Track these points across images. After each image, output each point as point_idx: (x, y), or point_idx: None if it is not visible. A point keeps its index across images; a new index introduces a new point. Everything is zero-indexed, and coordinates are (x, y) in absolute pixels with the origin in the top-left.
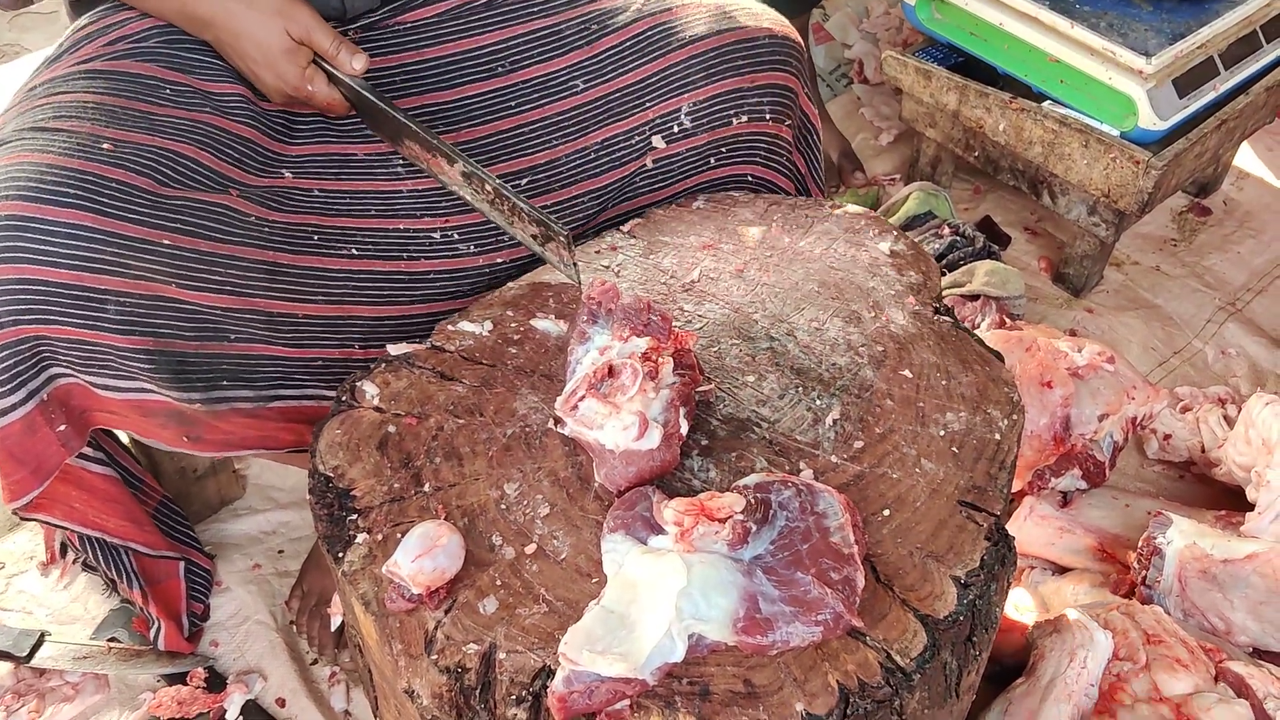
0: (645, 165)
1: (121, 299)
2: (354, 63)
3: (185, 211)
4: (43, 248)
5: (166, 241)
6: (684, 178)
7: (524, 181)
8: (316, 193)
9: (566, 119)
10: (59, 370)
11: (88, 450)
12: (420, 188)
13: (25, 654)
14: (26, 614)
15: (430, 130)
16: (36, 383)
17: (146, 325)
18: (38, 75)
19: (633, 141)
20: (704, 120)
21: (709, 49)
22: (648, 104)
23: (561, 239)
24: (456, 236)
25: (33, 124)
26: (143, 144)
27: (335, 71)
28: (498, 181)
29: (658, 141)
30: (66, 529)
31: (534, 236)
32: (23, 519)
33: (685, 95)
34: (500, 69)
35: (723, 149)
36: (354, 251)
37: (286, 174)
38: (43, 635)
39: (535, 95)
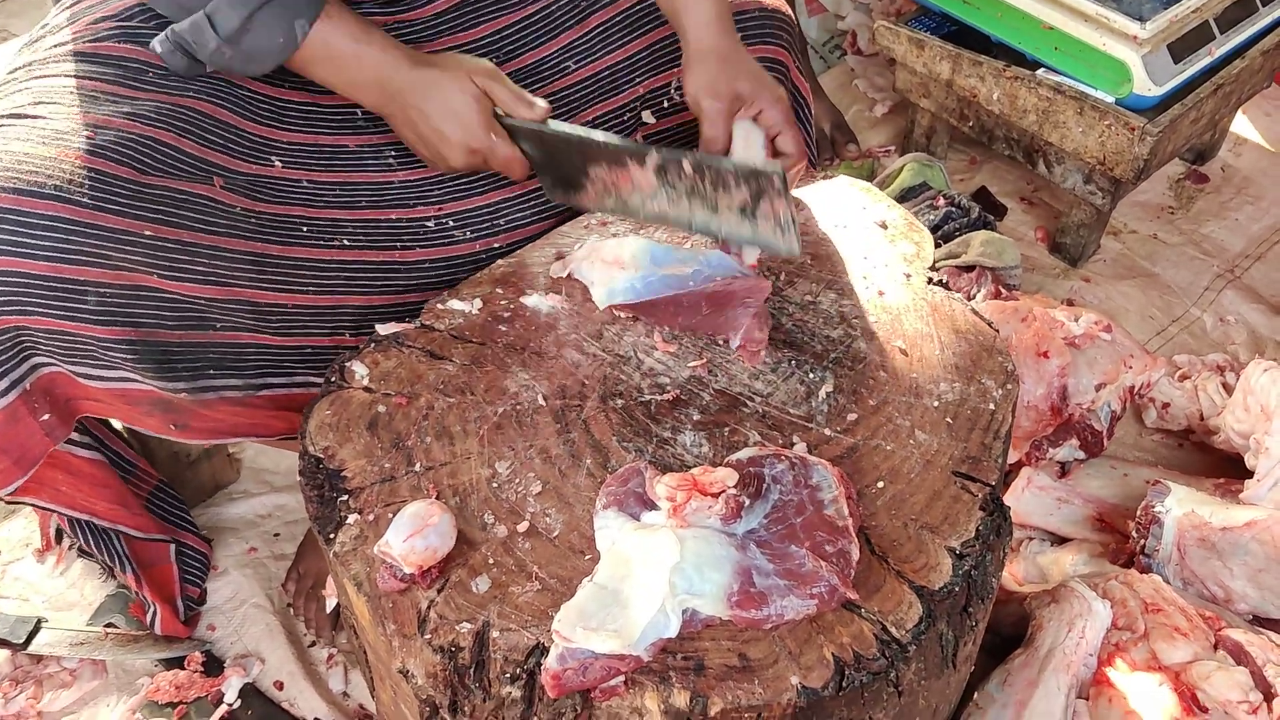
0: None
1: (101, 290)
2: (534, 109)
3: (166, 201)
4: (20, 239)
5: (148, 232)
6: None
7: None
8: (306, 184)
9: (558, 100)
10: (41, 360)
11: (75, 435)
12: (413, 178)
13: (22, 641)
14: (23, 601)
15: (612, 136)
16: (18, 373)
17: (127, 316)
18: (19, 56)
19: (624, 118)
20: None
21: None
22: (638, 79)
23: (775, 182)
24: (451, 223)
25: (12, 110)
26: (123, 131)
27: (510, 123)
28: (694, 155)
29: (648, 117)
30: (55, 511)
31: (743, 208)
32: (9, 502)
33: (675, 70)
34: (495, 59)
35: None
36: (345, 242)
37: (276, 162)
38: (39, 622)
39: (528, 81)
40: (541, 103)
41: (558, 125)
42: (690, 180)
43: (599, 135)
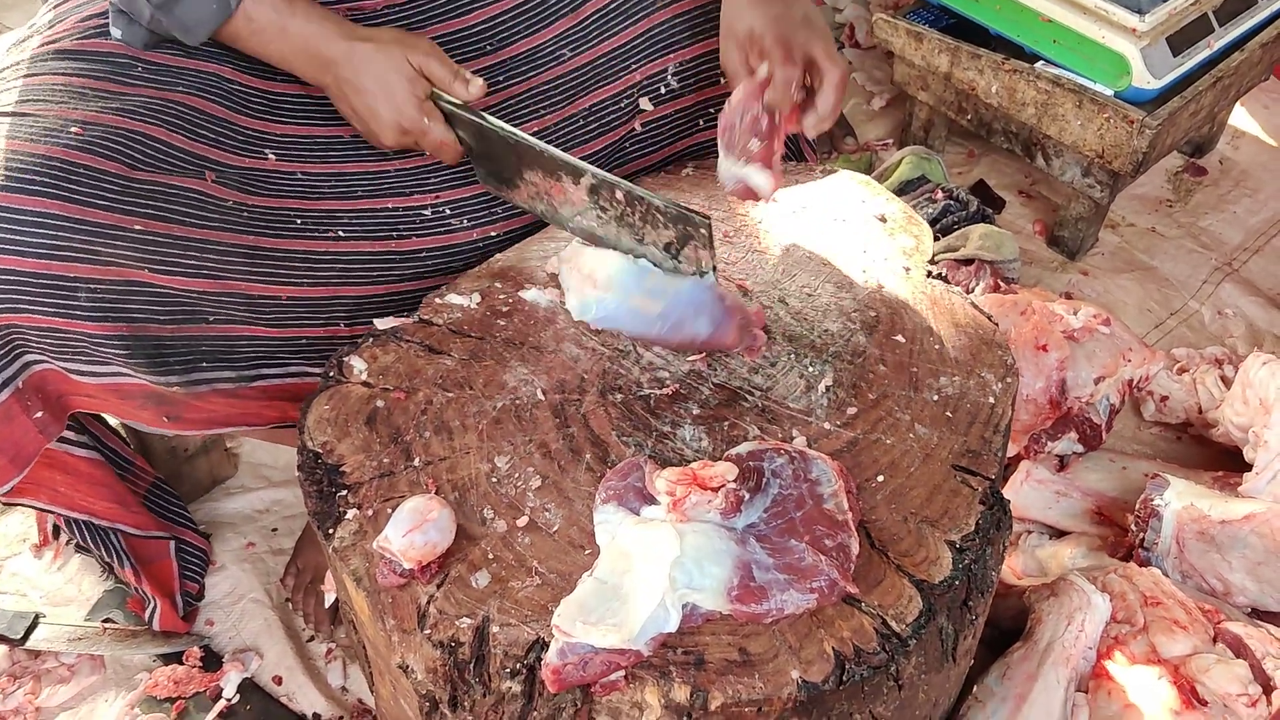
0: (634, 129)
1: (93, 286)
2: (470, 88)
3: (157, 196)
4: (10, 237)
5: (138, 227)
6: (673, 140)
7: None
8: (300, 176)
9: (554, 88)
10: (34, 357)
11: (70, 434)
12: (409, 166)
13: (20, 636)
14: (20, 596)
15: (550, 146)
16: (10, 370)
17: (119, 311)
18: (8, 56)
19: (621, 105)
20: (691, 80)
21: (694, 7)
22: (634, 66)
23: (701, 233)
24: (448, 212)
25: (0, 108)
26: (112, 126)
27: (450, 108)
28: (628, 186)
29: (645, 104)
30: (53, 513)
31: (669, 246)
32: (7, 504)
33: (671, 55)
34: (489, 47)
35: (711, 109)
36: (340, 233)
37: (269, 154)
38: (37, 617)
39: (524, 68)
40: (478, 81)
41: (497, 123)
42: (621, 208)
43: (537, 143)
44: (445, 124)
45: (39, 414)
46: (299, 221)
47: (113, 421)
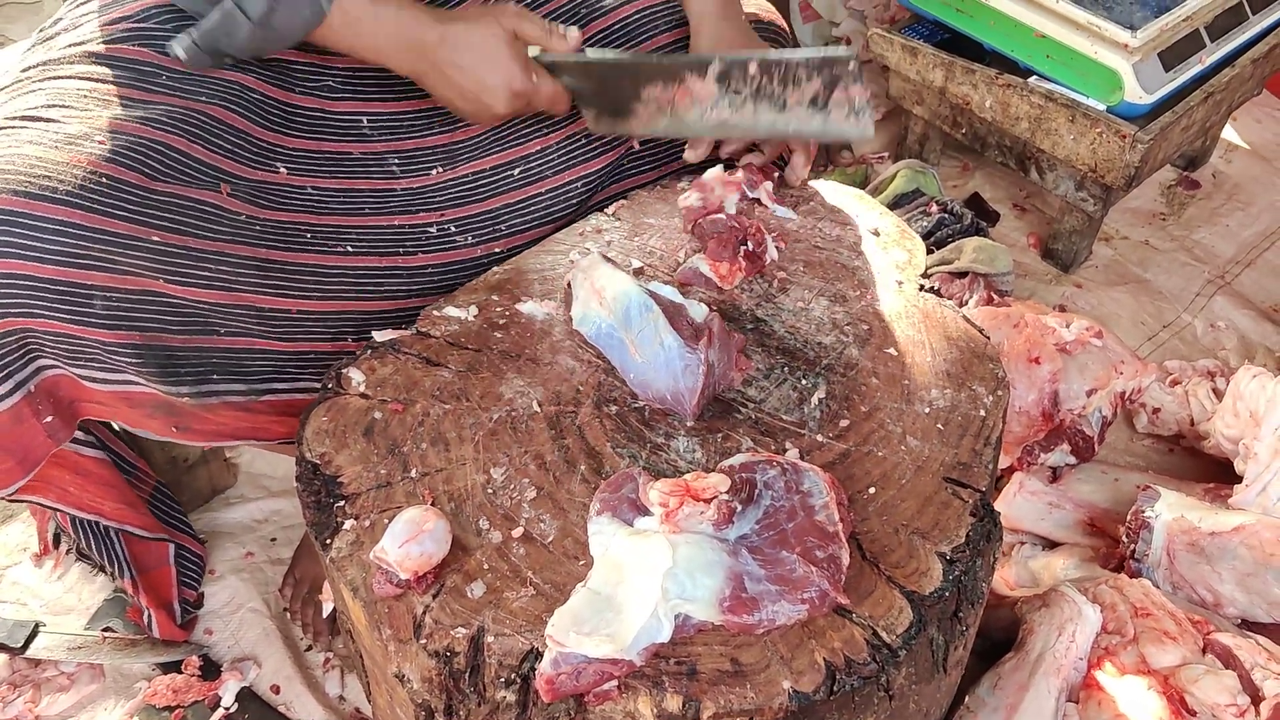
0: (633, 147)
1: (108, 294)
2: (568, 38)
3: (174, 209)
4: (30, 243)
5: (155, 238)
6: (670, 159)
7: (516, 171)
8: (310, 190)
9: None
10: (46, 362)
11: (79, 434)
12: (415, 185)
13: (20, 645)
14: (20, 605)
15: (663, 56)
16: (23, 374)
17: (133, 320)
18: (32, 54)
19: None
20: None
21: None
22: None
23: (850, 69)
24: (453, 229)
25: (25, 111)
26: (135, 136)
27: (550, 59)
28: (759, 54)
29: None
30: (61, 511)
31: (814, 100)
32: (12, 501)
33: None
34: None
35: None
36: (349, 249)
37: (281, 168)
38: (37, 626)
39: None
40: (574, 31)
41: (598, 53)
42: (756, 81)
43: (653, 56)
44: (552, 77)
45: (49, 418)
46: (309, 236)
47: (115, 426)
